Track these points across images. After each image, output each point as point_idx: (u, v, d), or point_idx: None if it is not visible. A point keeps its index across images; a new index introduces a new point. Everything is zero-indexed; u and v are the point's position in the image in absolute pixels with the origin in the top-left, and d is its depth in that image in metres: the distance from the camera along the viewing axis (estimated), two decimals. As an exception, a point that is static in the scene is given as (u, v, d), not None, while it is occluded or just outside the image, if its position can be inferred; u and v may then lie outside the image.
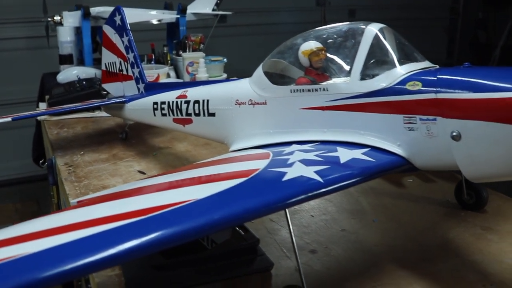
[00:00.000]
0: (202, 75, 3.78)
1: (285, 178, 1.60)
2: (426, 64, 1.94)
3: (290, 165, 1.70)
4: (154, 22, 4.61)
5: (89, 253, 1.20)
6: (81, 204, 1.67)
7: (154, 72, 3.75)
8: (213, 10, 4.74)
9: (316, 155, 1.80)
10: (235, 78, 2.65)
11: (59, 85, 4.08)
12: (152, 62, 4.16)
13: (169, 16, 4.54)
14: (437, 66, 1.94)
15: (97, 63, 4.21)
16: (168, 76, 3.90)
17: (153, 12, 4.61)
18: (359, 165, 1.72)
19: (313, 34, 2.13)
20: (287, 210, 1.72)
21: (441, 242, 2.15)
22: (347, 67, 1.96)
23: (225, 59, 4.11)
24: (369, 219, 2.32)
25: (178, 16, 4.50)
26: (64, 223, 1.41)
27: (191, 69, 3.94)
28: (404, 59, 1.93)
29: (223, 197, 1.49)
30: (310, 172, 1.63)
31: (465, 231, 2.22)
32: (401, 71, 1.86)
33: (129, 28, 3.03)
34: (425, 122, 1.75)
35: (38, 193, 5.81)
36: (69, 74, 4.14)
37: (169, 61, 4.23)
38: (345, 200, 2.50)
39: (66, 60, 4.34)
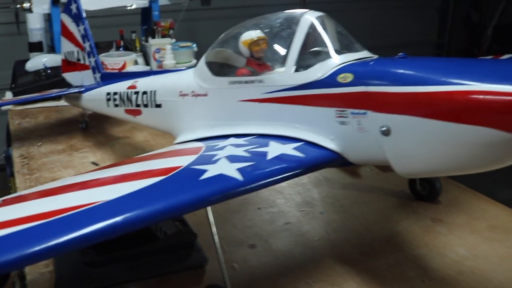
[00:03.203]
0: (169, 62, 3.71)
1: (204, 176, 1.55)
2: (364, 54, 1.87)
3: (215, 162, 1.65)
4: (133, 7, 4.52)
5: None
6: (5, 203, 1.64)
7: (120, 60, 3.69)
8: (188, -6, 4.64)
9: (245, 151, 1.75)
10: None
11: (27, 73, 4.02)
12: (121, 49, 4.08)
13: (141, 1, 4.44)
14: (376, 56, 1.87)
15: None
16: (136, 63, 3.83)
17: (126, -3, 4.51)
18: (286, 162, 1.67)
19: (254, 22, 2.06)
20: (208, 208, 1.67)
21: (387, 235, 2.10)
22: (283, 58, 1.90)
23: (194, 45, 4.03)
24: (316, 212, 2.28)
25: (148, 1, 4.39)
26: None
27: (158, 56, 3.86)
28: (342, 49, 1.86)
29: (133, 198, 1.45)
30: (231, 170, 1.58)
31: (414, 224, 2.17)
32: (335, 62, 1.79)
33: (85, 16, 2.97)
34: (356, 116, 1.69)
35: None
36: (37, 62, 4.06)
37: (139, 48, 4.15)
38: (296, 191, 2.45)
39: (36, 47, 4.24)
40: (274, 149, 1.74)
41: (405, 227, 2.15)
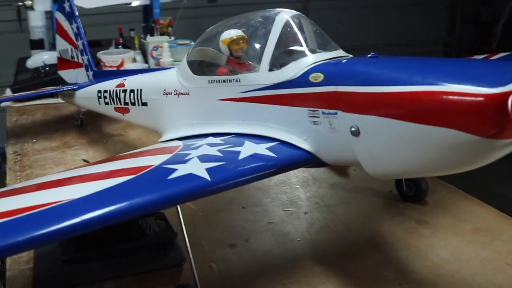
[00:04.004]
0: (166, 59, 3.72)
1: (172, 176, 1.55)
2: (338, 53, 1.86)
3: (186, 161, 1.65)
4: (133, 4, 4.54)
5: None
6: None
7: (118, 57, 3.70)
8: (187, -9, 4.64)
9: (219, 150, 1.74)
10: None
11: (27, 70, 4.06)
12: (120, 46, 4.09)
13: (141, -2, 4.46)
14: (350, 56, 1.85)
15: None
16: (134, 61, 3.84)
17: (125, -5, 4.52)
18: (257, 161, 1.66)
19: (234, 21, 2.05)
20: (178, 207, 1.67)
21: (369, 237, 2.08)
22: (259, 57, 1.89)
23: (192, 43, 4.02)
24: (301, 212, 2.26)
25: (149, -1, 4.41)
26: None
27: (156, 54, 3.87)
28: (316, 48, 1.85)
29: (100, 197, 1.45)
30: (200, 170, 1.57)
31: (398, 225, 2.15)
32: (307, 61, 1.78)
33: (77, 15, 2.98)
34: (327, 116, 1.67)
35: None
36: (38, 59, 4.10)
37: (138, 46, 4.16)
38: (282, 190, 2.44)
39: (37, 45, 4.28)
40: (247, 149, 1.74)
41: (388, 228, 2.13)
